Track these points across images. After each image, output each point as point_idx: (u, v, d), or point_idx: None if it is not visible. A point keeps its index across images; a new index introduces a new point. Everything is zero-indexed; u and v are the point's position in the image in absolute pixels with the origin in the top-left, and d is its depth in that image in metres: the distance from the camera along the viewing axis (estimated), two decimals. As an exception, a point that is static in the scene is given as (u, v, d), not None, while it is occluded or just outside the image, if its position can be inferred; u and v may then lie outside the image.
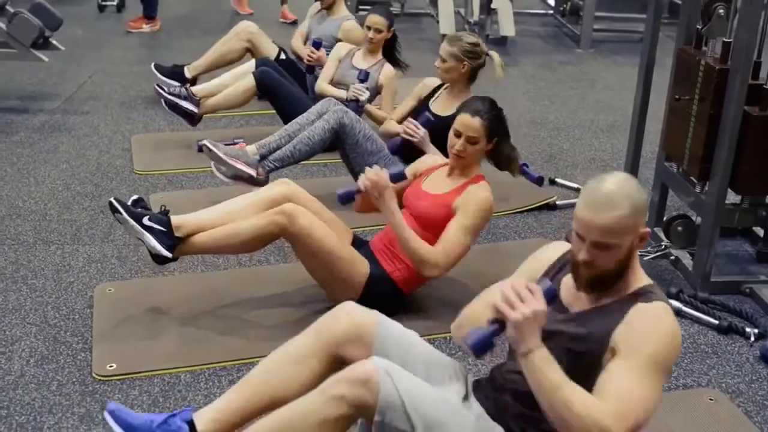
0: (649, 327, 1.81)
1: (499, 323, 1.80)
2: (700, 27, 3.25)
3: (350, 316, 2.13)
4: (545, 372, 1.76)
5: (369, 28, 4.28)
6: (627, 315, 1.84)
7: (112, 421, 2.08)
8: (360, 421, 2.04)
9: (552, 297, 1.83)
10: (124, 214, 2.78)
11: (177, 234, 2.82)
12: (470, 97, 3.21)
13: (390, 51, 4.38)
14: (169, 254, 2.81)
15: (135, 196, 2.92)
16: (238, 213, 2.91)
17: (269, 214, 2.82)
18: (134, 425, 2.08)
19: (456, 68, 3.65)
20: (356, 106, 4.04)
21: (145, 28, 7.07)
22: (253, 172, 3.64)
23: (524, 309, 1.75)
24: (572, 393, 1.75)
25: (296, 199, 2.92)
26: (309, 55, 4.58)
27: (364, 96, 4.07)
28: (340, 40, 4.73)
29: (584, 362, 1.85)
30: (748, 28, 2.90)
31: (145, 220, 2.79)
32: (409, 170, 3.17)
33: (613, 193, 1.81)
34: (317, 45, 4.61)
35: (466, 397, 2.06)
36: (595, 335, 1.86)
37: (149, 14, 7.07)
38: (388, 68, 4.29)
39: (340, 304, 2.20)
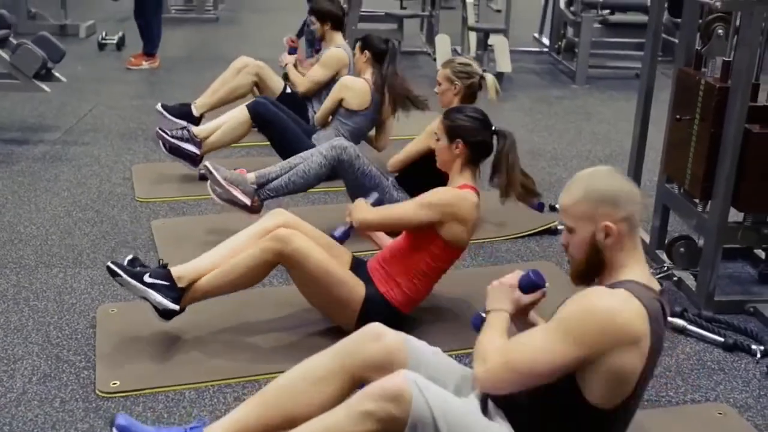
0: (579, 297, 1.85)
1: None
2: (699, 47, 3.30)
3: (380, 341, 2.10)
4: (489, 323, 2.03)
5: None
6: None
7: None
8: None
9: (527, 282, 2.10)
10: (125, 276, 2.74)
11: (179, 285, 2.79)
12: None
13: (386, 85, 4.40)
14: (176, 307, 2.77)
15: (130, 256, 2.87)
16: (235, 251, 2.87)
17: (262, 241, 2.78)
18: None
19: (449, 90, 3.70)
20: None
21: (145, 65, 7.14)
22: (248, 201, 3.62)
23: (501, 279, 2.10)
24: (490, 333, 1.98)
25: (292, 228, 2.90)
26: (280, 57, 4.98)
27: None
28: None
29: None
30: (748, 46, 2.94)
31: (146, 278, 2.76)
32: None
33: (578, 177, 1.96)
34: (291, 51, 4.99)
35: (485, 405, 2.05)
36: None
37: (149, 51, 7.14)
38: (345, 77, 4.53)
39: (365, 326, 2.16)
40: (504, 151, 2.96)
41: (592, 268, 1.93)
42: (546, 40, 8.52)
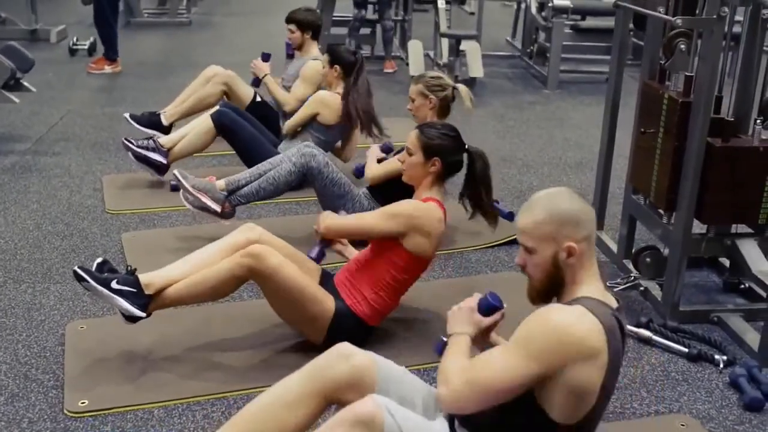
0: (536, 314, 1.89)
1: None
2: (663, 62, 3.35)
3: (349, 360, 2.11)
4: (451, 347, 2.05)
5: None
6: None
7: None
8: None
9: (486, 305, 2.13)
10: (91, 282, 2.73)
11: (147, 292, 2.79)
12: None
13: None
14: (142, 314, 2.77)
15: (99, 259, 2.86)
16: (205, 263, 2.88)
17: (236, 256, 2.79)
18: None
19: (424, 105, 3.72)
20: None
21: (107, 69, 7.12)
22: (217, 208, 3.68)
23: (461, 304, 2.14)
24: (452, 357, 1.99)
25: (262, 243, 2.91)
26: (253, 63, 4.88)
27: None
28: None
29: None
30: (710, 61, 2.99)
31: (113, 284, 2.75)
32: None
33: (537, 199, 1.98)
34: (265, 57, 4.89)
35: (452, 426, 2.07)
36: None
37: (110, 56, 7.12)
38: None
39: (334, 346, 2.17)
40: (478, 173, 2.99)
41: (551, 287, 1.97)
42: (519, 44, 8.57)
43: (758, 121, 3.18)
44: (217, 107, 4.68)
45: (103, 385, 2.73)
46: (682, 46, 3.16)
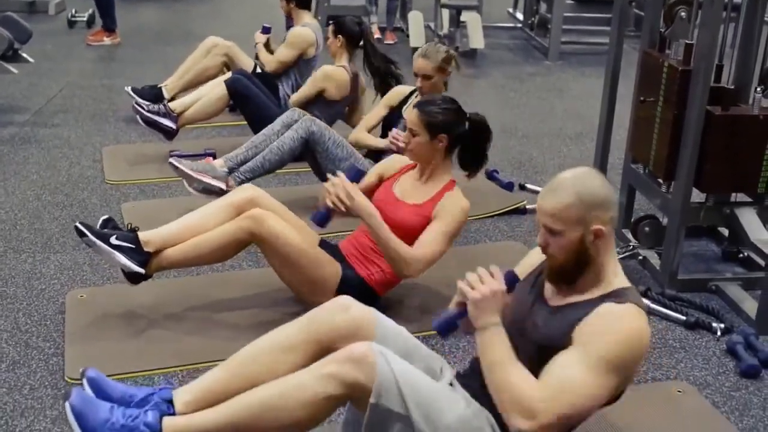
0: (609, 324, 1.83)
1: (464, 305, 1.91)
2: (663, 30, 3.33)
3: (349, 312, 2.10)
4: (494, 346, 1.88)
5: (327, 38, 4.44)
6: (593, 311, 1.86)
7: (89, 390, 2.05)
8: (347, 409, 2.04)
9: (512, 283, 1.96)
10: (91, 236, 2.76)
11: (146, 249, 2.81)
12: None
13: (373, 73, 4.30)
14: (141, 270, 2.79)
15: (105, 216, 2.91)
16: (205, 222, 2.90)
17: (237, 220, 2.82)
18: (112, 397, 2.06)
19: (440, 80, 3.68)
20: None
21: (106, 41, 7.08)
22: (222, 185, 3.65)
23: (483, 288, 1.90)
24: (512, 370, 1.83)
25: (261, 203, 2.92)
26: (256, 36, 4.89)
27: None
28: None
29: (550, 357, 1.87)
30: (710, 29, 2.98)
31: (113, 240, 2.78)
32: (377, 170, 3.17)
33: (564, 180, 1.90)
34: (265, 30, 4.89)
35: (452, 385, 2.08)
36: (560, 329, 1.89)
37: (109, 27, 7.08)
38: (326, 67, 4.42)
39: (333, 298, 2.17)
40: (482, 141, 2.98)
41: (575, 270, 1.92)
42: (520, 15, 8.51)
43: (758, 89, 3.17)
44: (229, 74, 4.69)
45: (103, 353, 2.75)
46: (683, 14, 3.15)
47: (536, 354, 1.90)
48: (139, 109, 4.43)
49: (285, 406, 1.89)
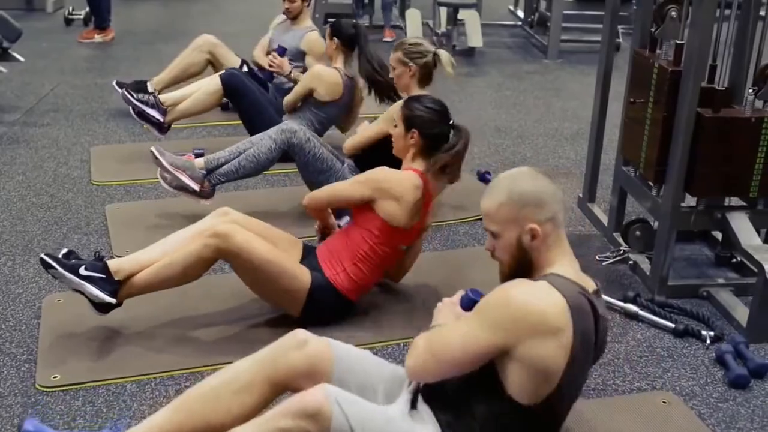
0: (499, 288, 1.85)
1: None
2: (653, 29, 3.25)
3: (304, 349, 2.04)
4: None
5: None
6: None
7: None
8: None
9: (468, 301, 2.07)
10: (59, 269, 2.69)
11: (116, 278, 2.74)
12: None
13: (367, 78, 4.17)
14: (112, 300, 2.72)
15: (65, 250, 2.81)
16: (176, 247, 2.82)
17: (201, 237, 2.73)
18: None
19: (405, 73, 3.62)
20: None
21: (97, 38, 7.05)
22: (196, 186, 3.59)
23: (440, 304, 2.13)
24: (425, 333, 1.97)
25: (237, 224, 2.84)
26: (271, 61, 4.59)
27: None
28: (303, 51, 4.76)
29: None
30: (700, 29, 2.90)
31: (82, 270, 2.70)
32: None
33: (499, 181, 1.93)
34: (281, 52, 4.63)
35: (415, 402, 2.03)
36: None
37: (100, 25, 7.05)
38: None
39: (291, 332, 2.11)
40: (458, 148, 2.89)
41: (520, 270, 1.91)
42: (521, 13, 8.43)
43: (751, 90, 3.09)
44: (211, 71, 4.65)
45: (76, 360, 2.70)
46: (673, 13, 3.07)
47: None
48: (129, 98, 4.37)
49: None
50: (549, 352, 1.79)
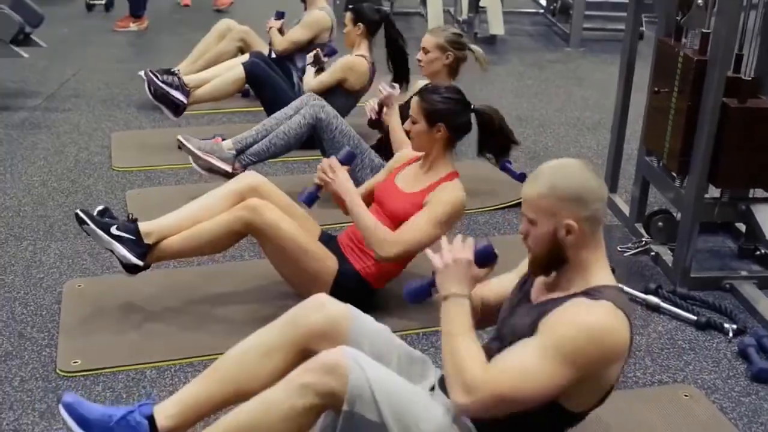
0: (571, 315, 1.74)
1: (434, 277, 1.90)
2: (678, 18, 3.21)
3: (323, 310, 2.07)
4: (452, 316, 1.83)
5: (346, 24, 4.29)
6: (563, 304, 1.78)
7: (67, 415, 2.01)
8: (325, 415, 1.99)
9: (485, 256, 1.93)
10: (91, 225, 2.72)
11: (146, 241, 2.76)
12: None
13: (393, 57, 4.20)
14: (140, 262, 2.75)
15: (100, 207, 2.85)
16: (206, 212, 2.85)
17: (233, 210, 2.77)
18: (89, 420, 2.01)
19: (439, 59, 3.59)
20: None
21: (132, 27, 7.04)
22: (228, 167, 3.62)
23: (448, 257, 1.86)
24: (465, 344, 1.78)
25: (263, 192, 2.87)
26: (267, 24, 4.83)
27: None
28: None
29: None
30: (727, 18, 2.85)
31: (113, 230, 2.73)
32: (387, 167, 3.14)
33: (543, 170, 1.85)
34: (279, 15, 4.84)
35: (432, 390, 2.02)
36: (530, 322, 1.82)
37: (136, 13, 7.04)
38: (349, 57, 4.28)
39: (311, 296, 2.14)
40: (496, 127, 2.89)
41: (551, 262, 1.85)
42: (543, 0, 8.36)
43: (778, 80, 3.05)
44: (245, 56, 4.68)
45: (96, 345, 2.71)
46: (699, 1, 3.02)
47: (508, 346, 1.83)
48: (154, 79, 4.34)
49: (265, 424, 1.84)
50: (616, 371, 1.78)
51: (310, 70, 4.44)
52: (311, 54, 4.47)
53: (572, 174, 1.81)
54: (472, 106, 2.89)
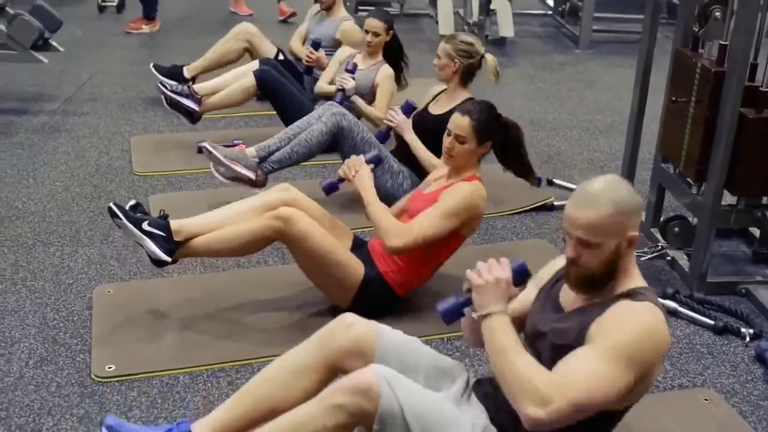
0: (624, 317, 1.81)
1: (470, 293, 1.92)
2: (696, 29, 3.27)
3: (350, 331, 2.13)
4: (498, 334, 1.84)
5: (367, 32, 4.29)
6: (608, 309, 1.84)
7: None
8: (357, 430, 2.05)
9: (522, 274, 1.92)
10: (123, 220, 2.79)
11: (176, 238, 2.83)
12: (468, 99, 3.25)
13: (392, 56, 4.34)
14: (168, 259, 2.82)
15: (133, 201, 2.93)
16: (237, 218, 2.92)
17: (266, 217, 2.83)
18: None
19: (448, 66, 3.66)
20: (342, 96, 4.12)
21: (145, 28, 7.09)
22: (252, 175, 3.67)
23: (487, 275, 1.88)
24: (519, 357, 1.80)
25: (296, 205, 2.93)
26: (308, 56, 4.62)
27: (349, 84, 4.13)
28: (339, 41, 4.78)
29: (563, 355, 1.84)
30: (745, 31, 2.91)
31: (145, 225, 2.80)
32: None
33: (598, 192, 1.85)
34: (316, 45, 4.65)
35: (464, 396, 2.08)
36: (575, 328, 1.87)
37: (149, 15, 7.09)
38: (385, 68, 4.29)
39: (339, 316, 2.20)
40: (519, 142, 3.03)
41: (606, 277, 1.89)
42: (551, 2, 8.40)
43: (794, 90, 3.10)
44: (255, 63, 4.69)
45: (129, 350, 2.77)
46: (717, 14, 3.08)
47: (551, 355, 1.89)
48: (163, 89, 4.44)
49: None
50: (659, 369, 1.87)
51: (325, 78, 4.52)
52: (339, 91, 4.21)
53: (622, 188, 1.87)
54: (502, 119, 3.00)
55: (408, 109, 3.78)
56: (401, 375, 1.94)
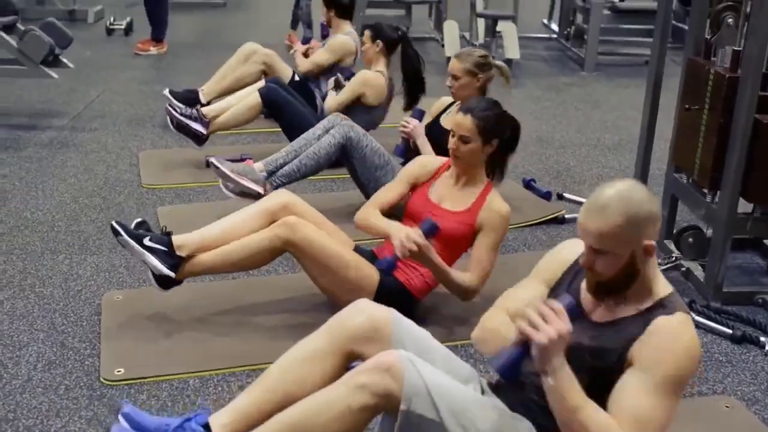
0: (668, 343, 1.76)
1: (525, 345, 1.77)
2: (709, 36, 3.27)
3: (365, 312, 2.09)
4: (565, 392, 1.75)
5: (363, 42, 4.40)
6: (647, 329, 1.79)
7: (126, 424, 2.05)
8: (382, 419, 2.01)
9: (574, 313, 1.80)
10: (125, 236, 2.77)
11: (179, 253, 2.81)
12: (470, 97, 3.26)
13: (408, 76, 4.29)
14: (171, 273, 2.79)
15: (138, 219, 2.92)
16: (239, 228, 2.88)
17: (272, 228, 2.80)
18: (149, 429, 2.05)
19: (471, 83, 3.62)
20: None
21: (153, 50, 7.13)
22: (260, 189, 3.64)
23: (550, 331, 1.72)
24: (590, 416, 1.74)
25: (295, 209, 2.90)
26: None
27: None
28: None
29: (605, 378, 1.81)
30: (759, 36, 2.91)
31: (146, 241, 2.78)
32: (408, 176, 3.10)
33: (610, 199, 1.76)
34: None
35: (483, 393, 2.04)
36: (615, 350, 1.82)
37: (157, 36, 7.13)
38: (365, 72, 4.38)
39: (353, 302, 2.16)
40: (514, 144, 3.00)
41: (623, 285, 1.84)
42: (555, 26, 8.46)
43: (808, 98, 3.09)
44: (262, 81, 4.69)
45: (138, 355, 2.73)
46: (730, 20, 3.08)
47: (588, 375, 1.81)
48: (173, 112, 4.43)
49: (320, 422, 1.87)
50: None
51: (332, 94, 4.51)
52: (332, 79, 4.55)
53: (641, 196, 1.77)
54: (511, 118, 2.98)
55: (419, 114, 3.77)
56: (421, 359, 1.91)
